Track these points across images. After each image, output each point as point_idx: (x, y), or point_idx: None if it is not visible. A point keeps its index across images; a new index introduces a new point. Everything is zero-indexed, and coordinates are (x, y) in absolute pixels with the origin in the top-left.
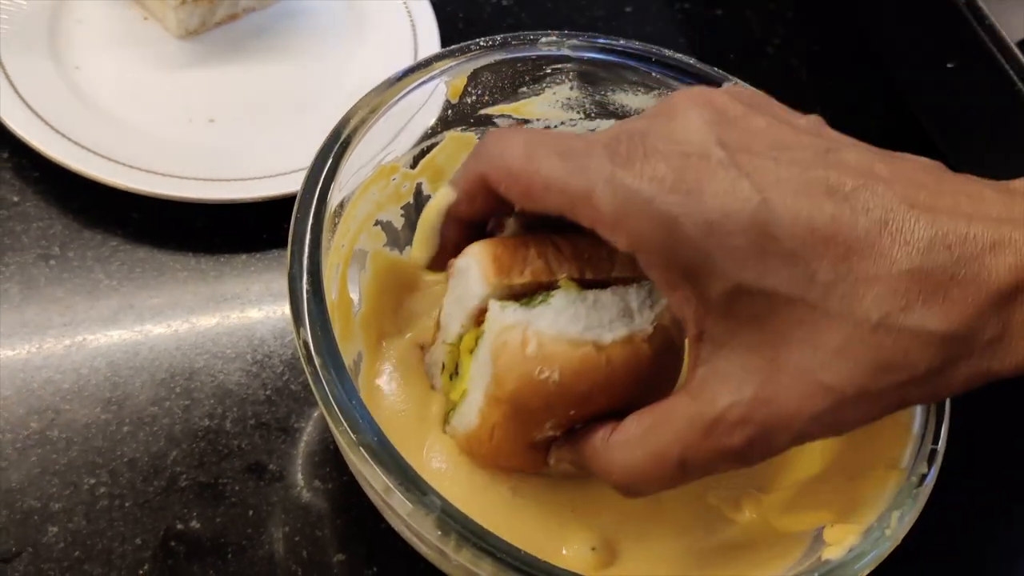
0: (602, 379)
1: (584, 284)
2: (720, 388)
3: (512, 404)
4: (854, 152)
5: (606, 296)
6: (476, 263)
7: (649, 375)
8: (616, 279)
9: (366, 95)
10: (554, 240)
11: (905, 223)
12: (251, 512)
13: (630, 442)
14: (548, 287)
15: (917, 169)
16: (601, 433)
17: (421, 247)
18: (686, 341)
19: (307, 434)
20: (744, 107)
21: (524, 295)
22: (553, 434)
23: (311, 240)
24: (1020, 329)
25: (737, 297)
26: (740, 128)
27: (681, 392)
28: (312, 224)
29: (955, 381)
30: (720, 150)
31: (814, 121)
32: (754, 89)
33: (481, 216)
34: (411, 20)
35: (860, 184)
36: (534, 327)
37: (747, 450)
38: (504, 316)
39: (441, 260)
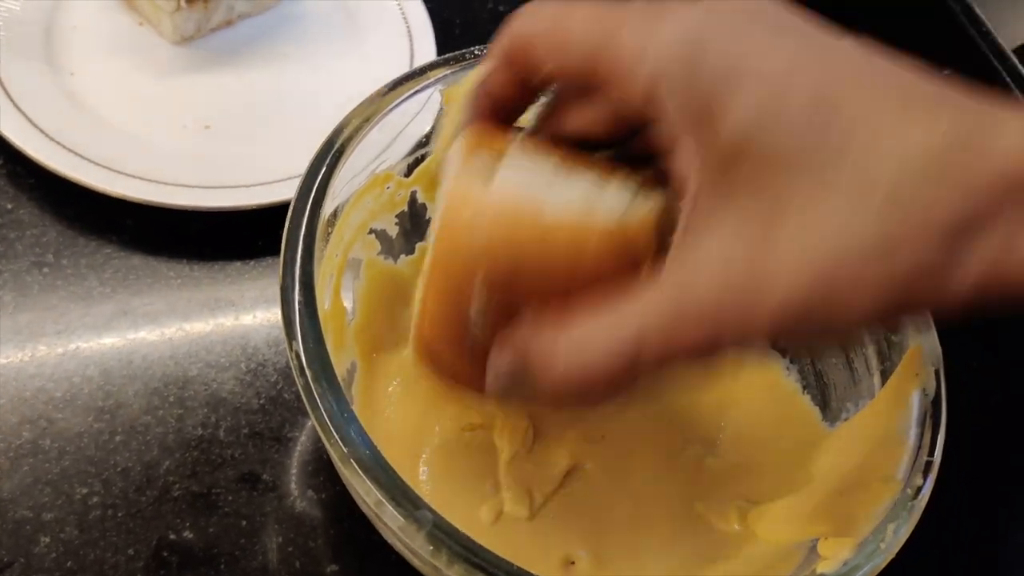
0: (534, 255)
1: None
2: (699, 264)
3: (439, 267)
4: (888, 62)
5: (579, 174)
6: (458, 141)
7: (592, 275)
8: (604, 168)
9: (360, 104)
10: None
11: (930, 107)
12: (244, 522)
13: (586, 338)
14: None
15: (949, 86)
16: (549, 328)
17: (452, 122)
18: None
19: (301, 444)
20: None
21: None
22: (481, 324)
23: (303, 250)
24: None
25: (743, 149)
26: (780, 16)
27: (655, 276)
28: (305, 234)
29: (966, 278)
30: (752, 19)
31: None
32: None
33: (510, 94)
34: (407, 26)
35: (872, 71)
36: (480, 183)
37: (713, 341)
38: (456, 172)
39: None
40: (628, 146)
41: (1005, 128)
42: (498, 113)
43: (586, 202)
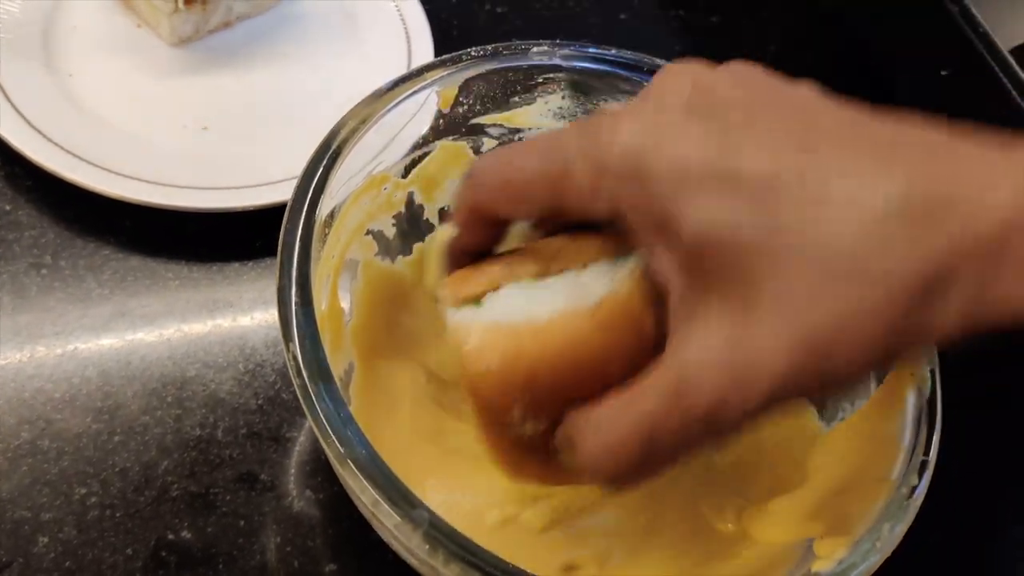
0: (548, 364)
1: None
2: (691, 348)
3: (473, 401)
4: (838, 114)
5: (559, 279)
6: (443, 287)
7: (603, 351)
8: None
9: (356, 105)
10: (526, 245)
11: (882, 165)
12: (242, 522)
13: (605, 419)
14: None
15: (905, 125)
16: (582, 414)
17: (434, 277)
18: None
19: (299, 444)
20: (726, 78)
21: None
22: (534, 428)
23: (300, 251)
24: (1018, 261)
25: (706, 244)
26: (715, 94)
27: (657, 361)
28: (302, 235)
29: (946, 322)
30: (690, 112)
31: (807, 89)
32: (751, 65)
33: (483, 245)
34: (405, 28)
35: (834, 138)
36: (475, 321)
37: (718, 412)
38: (451, 319)
39: None
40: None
41: (961, 178)
42: (473, 254)
43: (571, 299)
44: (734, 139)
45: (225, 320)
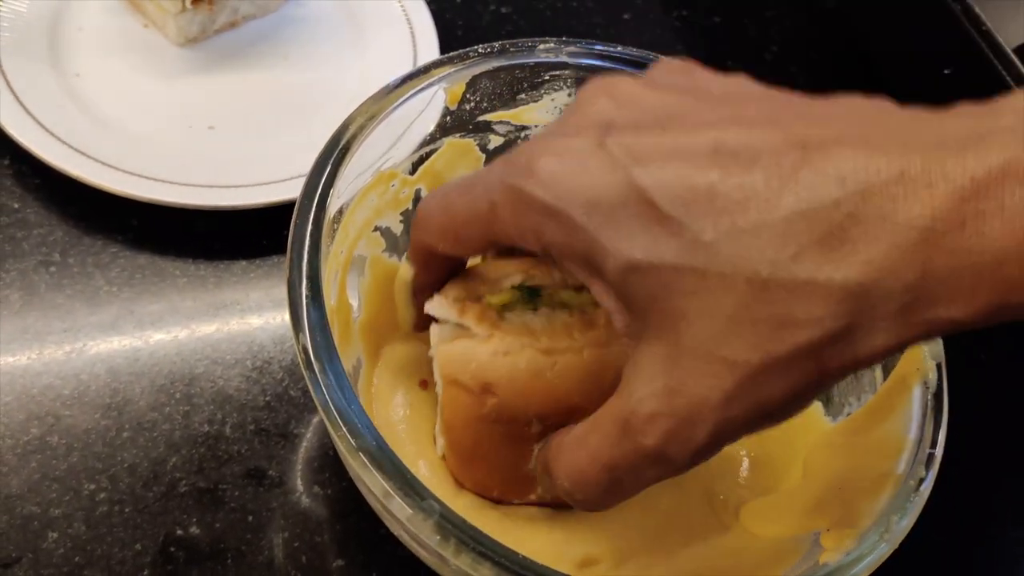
0: (541, 388)
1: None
2: (636, 383)
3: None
4: (760, 104)
5: (547, 311)
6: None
7: (589, 380)
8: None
9: (365, 102)
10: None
11: (792, 163)
12: (250, 518)
13: (572, 443)
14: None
15: (836, 106)
16: (558, 436)
17: (404, 313)
18: None
19: (306, 440)
20: (644, 85)
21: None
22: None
23: (310, 246)
24: (947, 272)
25: (631, 276)
26: (635, 107)
27: (615, 391)
28: (311, 230)
29: (876, 340)
30: (603, 134)
31: (734, 82)
32: (680, 61)
33: (443, 279)
34: (410, 27)
35: (748, 135)
36: (471, 350)
37: (666, 448)
38: (442, 343)
39: (424, 323)
40: None
41: (878, 171)
42: (437, 285)
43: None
44: (648, 158)
45: (233, 318)
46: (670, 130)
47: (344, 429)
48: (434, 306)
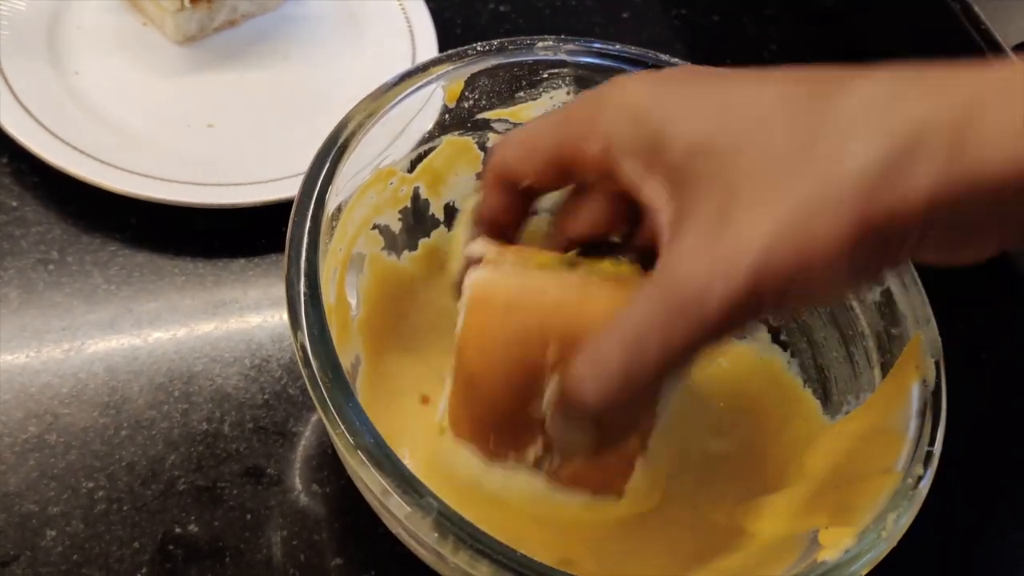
0: (554, 322)
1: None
2: (676, 255)
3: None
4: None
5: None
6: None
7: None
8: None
9: (363, 100)
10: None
11: (852, 73)
12: (249, 516)
13: (592, 343)
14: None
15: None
16: (574, 359)
17: (456, 255)
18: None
19: (305, 438)
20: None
21: None
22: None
23: (308, 244)
24: (994, 121)
25: (695, 156)
26: (673, 78)
27: (646, 283)
28: (309, 228)
29: (922, 180)
30: (680, 79)
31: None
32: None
33: (506, 213)
34: (409, 26)
35: (812, 78)
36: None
37: (703, 302)
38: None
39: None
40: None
41: (928, 74)
42: (497, 232)
43: (580, 278)
44: (712, 79)
45: (231, 316)
46: (734, 79)
47: (342, 427)
48: (476, 245)
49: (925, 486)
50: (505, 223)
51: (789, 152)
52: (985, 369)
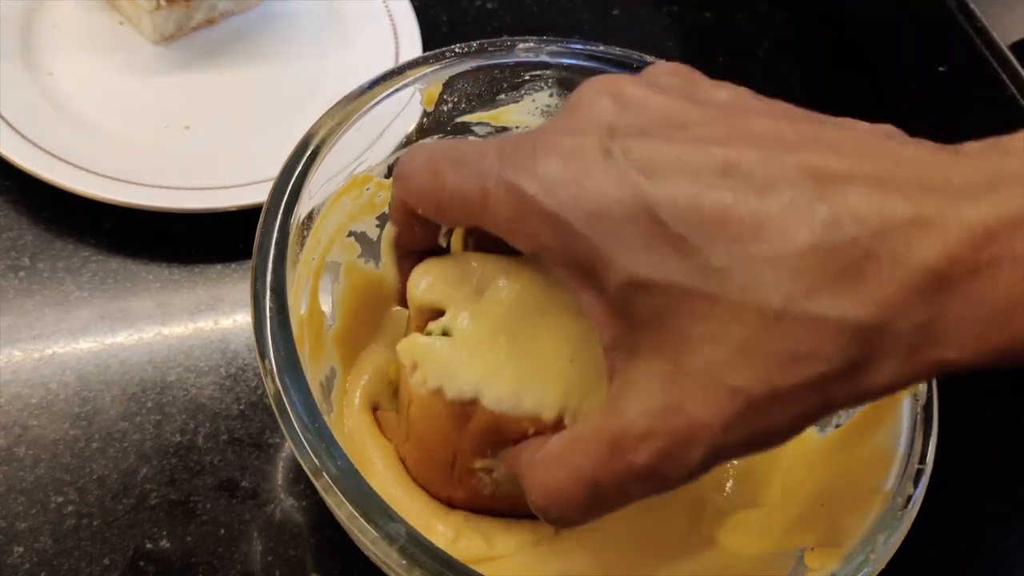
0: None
1: None
2: (628, 400)
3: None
4: (767, 121)
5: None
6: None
7: None
8: None
9: (335, 104)
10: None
11: (808, 195)
12: (223, 530)
13: (550, 460)
14: None
15: (846, 134)
16: (532, 447)
17: (392, 280)
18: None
19: (282, 450)
20: (647, 88)
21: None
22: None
23: (275, 255)
24: (957, 316)
25: (634, 292)
26: (639, 111)
27: (598, 408)
28: (277, 238)
29: (881, 377)
30: (608, 139)
31: (736, 94)
32: (677, 65)
33: (425, 242)
34: (392, 24)
35: (760, 157)
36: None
37: (658, 468)
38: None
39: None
40: None
41: (894, 212)
42: (418, 251)
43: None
44: (656, 171)
45: (207, 323)
46: (676, 140)
47: (308, 450)
48: (427, 290)
49: (915, 505)
50: (427, 246)
51: (746, 305)
52: (978, 384)
